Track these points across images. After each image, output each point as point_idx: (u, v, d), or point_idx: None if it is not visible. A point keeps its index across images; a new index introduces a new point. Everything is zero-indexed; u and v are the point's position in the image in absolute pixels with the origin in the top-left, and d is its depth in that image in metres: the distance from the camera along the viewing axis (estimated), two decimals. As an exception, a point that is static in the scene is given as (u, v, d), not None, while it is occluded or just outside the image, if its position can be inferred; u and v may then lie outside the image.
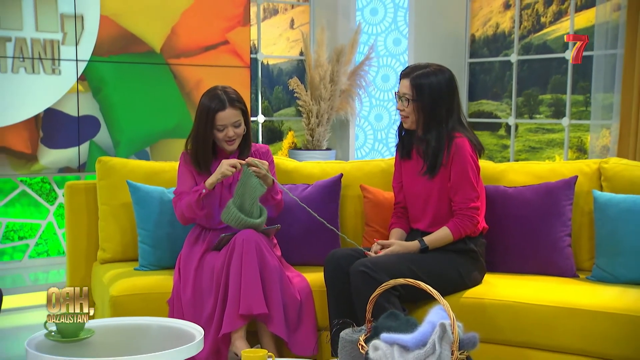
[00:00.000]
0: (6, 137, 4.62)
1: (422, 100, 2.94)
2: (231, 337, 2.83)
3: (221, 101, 3.02)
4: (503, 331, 2.79)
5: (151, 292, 2.99)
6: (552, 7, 5.35)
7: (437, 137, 2.94)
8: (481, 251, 3.01)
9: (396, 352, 1.89)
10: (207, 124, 3.03)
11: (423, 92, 2.94)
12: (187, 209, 2.99)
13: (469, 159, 2.94)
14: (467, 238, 2.97)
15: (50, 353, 2.23)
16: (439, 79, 2.96)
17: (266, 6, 5.95)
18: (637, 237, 2.93)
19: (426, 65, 3.02)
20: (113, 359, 2.23)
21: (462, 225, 2.93)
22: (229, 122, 3.02)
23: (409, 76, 2.97)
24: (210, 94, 3.06)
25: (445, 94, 2.96)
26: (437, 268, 2.87)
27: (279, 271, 2.90)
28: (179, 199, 3.04)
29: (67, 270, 3.53)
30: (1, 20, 4.54)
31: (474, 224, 2.94)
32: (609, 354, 2.67)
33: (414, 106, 2.96)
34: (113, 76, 4.95)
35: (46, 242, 5.12)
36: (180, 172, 3.12)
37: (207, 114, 3.02)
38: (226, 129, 3.03)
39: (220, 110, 3.01)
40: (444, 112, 2.95)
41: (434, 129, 2.95)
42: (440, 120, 2.95)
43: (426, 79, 2.94)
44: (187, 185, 3.07)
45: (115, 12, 4.92)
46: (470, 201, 2.93)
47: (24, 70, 4.64)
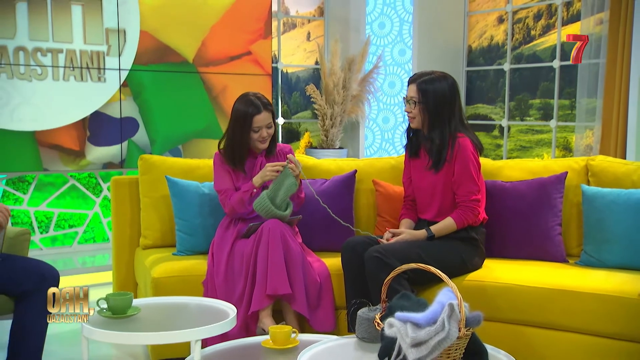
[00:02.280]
0: (58, 137, 4.64)
1: (427, 102, 2.93)
2: (259, 314, 2.83)
3: (256, 106, 3.02)
4: (501, 310, 2.78)
5: (188, 275, 3.00)
6: (541, 21, 5.31)
7: (441, 135, 2.94)
8: (481, 239, 3.00)
9: (409, 328, 1.88)
10: (244, 127, 3.02)
11: (428, 96, 2.93)
12: (238, 205, 3.00)
13: (470, 157, 2.93)
14: (469, 227, 2.96)
15: (102, 328, 2.25)
16: (442, 84, 2.95)
17: (285, 21, 5.93)
18: (621, 226, 2.91)
19: (431, 72, 3.01)
20: (157, 333, 2.25)
21: (464, 215, 2.92)
22: (263, 124, 3.02)
23: (416, 82, 2.97)
24: (244, 100, 3.06)
25: (448, 97, 2.95)
26: (442, 254, 2.86)
27: (301, 256, 2.90)
28: (227, 196, 3.03)
29: (113, 254, 3.54)
30: (54, 34, 4.56)
31: (475, 214, 2.93)
32: (596, 331, 2.65)
33: (420, 108, 2.95)
34: (151, 83, 4.96)
35: (92, 230, 5.14)
36: (217, 170, 3.11)
37: (245, 118, 3.01)
38: (261, 130, 3.03)
39: (256, 113, 3.01)
40: (446, 114, 2.94)
41: (437, 129, 2.94)
42: (443, 121, 2.94)
43: (431, 84, 2.94)
44: (226, 182, 3.06)
45: (153, 27, 4.92)
46: (472, 194, 2.92)
47: (73, 78, 4.65)
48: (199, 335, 2.21)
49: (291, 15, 5.94)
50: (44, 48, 4.53)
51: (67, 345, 3.22)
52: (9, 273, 2.45)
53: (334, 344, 2.18)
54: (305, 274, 2.89)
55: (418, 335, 1.85)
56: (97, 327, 2.24)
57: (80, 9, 4.65)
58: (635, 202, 2.90)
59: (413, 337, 1.85)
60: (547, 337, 2.75)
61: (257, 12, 5.35)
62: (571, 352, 2.70)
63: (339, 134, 5.80)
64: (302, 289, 2.84)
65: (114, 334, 2.22)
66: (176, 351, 2.91)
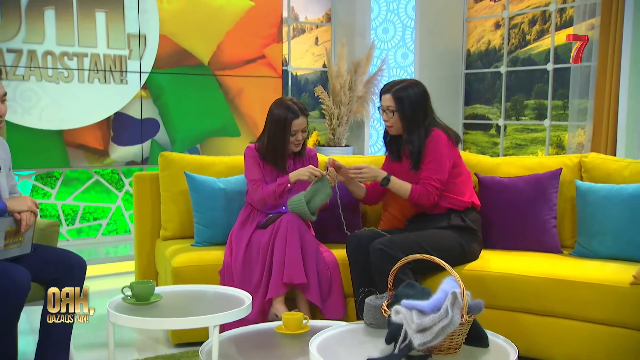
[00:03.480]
0: (83, 136, 4.64)
1: (403, 109, 2.92)
2: (272, 301, 2.83)
3: (294, 111, 3.01)
4: (499, 298, 2.78)
5: (205, 264, 3.01)
6: (536, 26, 5.28)
7: (419, 137, 2.92)
8: (477, 226, 2.98)
9: (415, 315, 1.87)
10: (284, 130, 3.01)
11: (403, 103, 2.91)
12: (270, 196, 2.98)
13: (440, 148, 2.89)
14: (464, 216, 2.92)
15: (126, 313, 2.25)
16: (414, 90, 2.94)
17: (295, 26, 5.92)
18: (612, 219, 2.90)
19: (402, 80, 3.00)
20: (178, 319, 2.25)
21: (422, 191, 2.87)
22: (299, 128, 3.02)
23: (390, 91, 2.95)
24: (283, 106, 3.04)
25: (422, 101, 2.94)
26: (442, 243, 2.85)
27: (315, 248, 2.90)
28: (258, 186, 3.02)
29: (135, 245, 3.55)
30: (79, 40, 4.56)
31: (430, 198, 2.87)
32: (588, 317, 2.65)
33: (397, 116, 2.94)
34: (170, 85, 4.95)
35: (115, 222, 5.15)
36: (248, 163, 3.09)
37: (285, 122, 3.00)
38: (297, 133, 3.03)
39: (294, 118, 3.00)
40: (421, 116, 2.93)
41: (415, 131, 2.92)
42: (419, 123, 2.92)
43: (405, 92, 2.92)
44: (257, 173, 3.05)
45: (171, 32, 4.91)
46: (432, 180, 2.88)
47: (97, 81, 4.66)
48: (217, 321, 2.21)
49: (300, 21, 5.93)
50: (70, 52, 4.53)
51: (93, 330, 3.23)
52: (40, 262, 2.46)
53: (344, 329, 2.18)
54: (318, 264, 2.89)
55: (423, 322, 1.84)
56: (121, 312, 2.25)
57: (104, 16, 4.65)
58: (626, 197, 2.89)
59: (418, 323, 1.84)
60: (542, 323, 2.74)
61: (269, 18, 5.34)
62: (565, 338, 2.70)
63: (345, 133, 5.79)
64: (315, 279, 2.84)
65: (138, 320, 2.22)
66: (195, 335, 2.93)
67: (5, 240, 2.38)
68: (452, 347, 1.90)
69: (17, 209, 2.39)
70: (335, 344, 2.02)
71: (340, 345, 2.01)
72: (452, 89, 5.79)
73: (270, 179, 3.06)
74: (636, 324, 2.55)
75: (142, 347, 3.03)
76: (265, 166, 3.07)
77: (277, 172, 3.07)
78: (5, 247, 2.38)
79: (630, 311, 2.55)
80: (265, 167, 3.07)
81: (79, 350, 2.85)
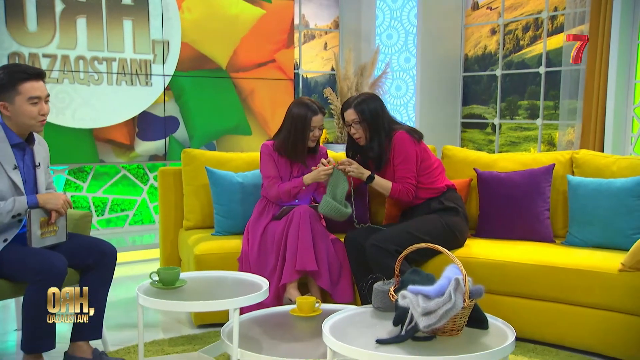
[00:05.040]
0: (112, 133, 4.65)
1: (366, 119, 2.93)
2: (286, 286, 2.83)
3: (313, 109, 3.00)
4: (496, 283, 2.77)
5: (225, 252, 3.01)
6: (529, 32, 5.24)
7: (379, 142, 2.93)
8: (457, 203, 2.97)
9: (420, 300, 1.87)
10: (305, 126, 2.99)
11: (365, 113, 2.93)
12: (285, 195, 2.98)
13: (407, 148, 2.91)
14: (440, 199, 2.93)
15: (154, 297, 2.26)
16: (372, 100, 2.96)
17: (305, 32, 5.90)
18: (601, 211, 2.89)
19: (357, 95, 3.02)
20: (202, 302, 2.25)
21: (401, 189, 2.91)
22: (318, 125, 3.01)
23: (352, 106, 2.96)
24: (302, 104, 3.02)
25: (379, 109, 2.95)
26: (428, 226, 2.85)
27: (325, 238, 2.89)
28: (274, 184, 3.01)
29: (160, 234, 3.55)
30: (108, 45, 4.56)
31: (408, 194, 2.92)
32: (579, 301, 2.65)
33: (363, 126, 2.94)
34: (190, 87, 4.95)
35: (141, 213, 5.17)
36: (264, 159, 3.08)
37: (305, 119, 2.98)
38: (315, 129, 3.02)
39: (314, 115, 2.99)
40: (380, 123, 2.94)
41: (375, 138, 2.94)
42: (379, 130, 2.93)
43: (365, 104, 2.94)
44: (272, 169, 3.04)
45: (192, 39, 4.91)
46: (408, 178, 2.91)
47: (125, 83, 4.66)
48: (238, 304, 2.21)
49: (310, 28, 5.91)
50: (100, 57, 4.54)
51: (122, 312, 3.25)
52: (75, 250, 2.47)
53: (354, 312, 2.17)
54: (328, 253, 2.88)
55: (428, 306, 1.84)
56: (150, 296, 2.25)
57: (131, 23, 4.65)
58: (614, 190, 2.87)
59: (424, 307, 1.84)
60: (535, 307, 2.74)
61: (281, 25, 5.32)
62: (556, 321, 2.70)
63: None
64: (325, 267, 2.84)
65: (165, 303, 2.23)
66: (215, 317, 2.93)
67: (41, 229, 2.39)
68: (455, 329, 1.90)
69: (48, 207, 2.40)
70: (347, 325, 2.02)
71: (351, 327, 2.01)
72: (451, 91, 5.76)
73: (284, 173, 3.05)
74: (624, 308, 2.54)
75: (167, 328, 3.04)
76: (280, 161, 3.06)
77: (290, 167, 3.06)
78: (41, 235, 2.40)
79: (618, 296, 2.55)
80: (280, 161, 3.06)
81: (110, 330, 2.86)
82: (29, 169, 2.48)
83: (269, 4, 5.21)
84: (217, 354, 2.51)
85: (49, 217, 2.41)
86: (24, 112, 2.39)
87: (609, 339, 2.58)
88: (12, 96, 2.37)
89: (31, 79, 2.39)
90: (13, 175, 2.38)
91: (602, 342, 2.60)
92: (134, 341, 2.78)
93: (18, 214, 2.35)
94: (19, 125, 2.41)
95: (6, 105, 2.38)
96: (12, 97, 2.37)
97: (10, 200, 2.34)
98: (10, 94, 2.36)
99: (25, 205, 2.35)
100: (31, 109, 2.40)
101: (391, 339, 1.85)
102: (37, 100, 2.40)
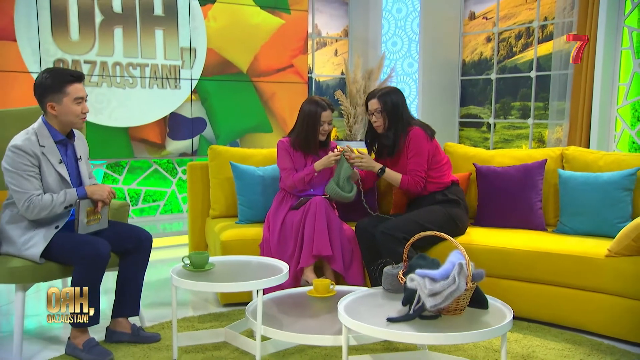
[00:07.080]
0: (145, 132, 4.66)
1: (387, 109, 2.91)
2: (304, 269, 2.83)
3: (322, 106, 3.00)
4: (493, 267, 2.74)
5: (248, 239, 3.01)
6: (521, 40, 5.18)
7: (395, 131, 2.91)
8: (459, 196, 2.96)
9: (427, 282, 1.86)
10: (315, 121, 2.99)
11: (387, 103, 2.91)
12: (299, 183, 2.98)
13: (420, 145, 2.88)
14: (445, 192, 2.91)
15: (186, 279, 2.26)
16: (394, 93, 2.94)
17: (318, 40, 5.87)
18: (589, 202, 2.86)
19: (383, 87, 3.00)
20: (229, 284, 2.25)
21: (411, 181, 2.89)
22: (327, 120, 3.01)
23: (375, 96, 2.95)
24: (312, 102, 3.02)
25: (400, 102, 2.93)
26: (433, 216, 2.83)
27: (339, 225, 2.88)
28: (289, 174, 3.01)
29: (189, 222, 3.56)
30: (142, 52, 4.57)
31: (417, 186, 2.89)
32: (569, 284, 2.63)
33: (383, 115, 2.92)
34: (215, 90, 4.95)
35: (170, 203, 5.18)
36: (280, 154, 3.08)
37: (315, 114, 2.98)
38: (324, 124, 3.00)
39: (323, 111, 2.99)
40: (399, 114, 2.91)
41: (392, 127, 2.92)
42: (397, 120, 2.91)
43: (388, 95, 2.93)
44: (288, 162, 3.04)
45: (217, 46, 4.90)
46: (418, 171, 2.89)
47: (156, 86, 4.66)
48: (262, 285, 2.21)
49: (322, 36, 5.88)
50: (134, 63, 4.54)
51: (157, 292, 3.26)
52: (115, 236, 2.48)
53: (366, 293, 2.17)
54: (341, 239, 2.87)
55: (434, 288, 1.83)
56: (182, 278, 2.26)
57: (162, 33, 4.65)
58: (601, 183, 2.84)
59: (430, 289, 1.83)
60: (530, 289, 2.72)
61: (297, 34, 5.30)
62: (549, 302, 2.68)
63: (360, 129, 5.75)
64: (339, 252, 2.83)
65: (196, 284, 2.23)
66: (240, 297, 2.94)
67: (87, 217, 2.40)
68: (458, 309, 1.89)
69: (95, 197, 2.41)
70: (359, 305, 2.02)
71: (363, 307, 2.01)
72: (450, 93, 5.72)
73: (299, 164, 3.05)
74: (610, 290, 2.52)
75: (196, 307, 3.05)
76: (295, 154, 3.06)
77: (305, 159, 3.06)
78: (87, 223, 2.41)
79: (605, 279, 2.52)
80: (294, 155, 3.06)
81: (146, 308, 2.87)
82: (72, 162, 2.49)
83: (288, 15, 5.19)
84: (242, 329, 2.51)
85: (95, 206, 2.42)
86: (70, 111, 2.39)
87: (597, 318, 2.56)
88: (60, 97, 2.38)
89: (75, 81, 2.40)
90: (60, 168, 2.39)
91: (590, 321, 2.58)
92: (167, 318, 2.79)
93: (70, 204, 2.36)
94: (63, 123, 2.42)
95: (54, 105, 2.39)
96: (60, 98, 2.38)
97: (62, 193, 2.35)
98: (58, 96, 2.37)
99: (75, 197, 2.36)
100: (76, 108, 2.41)
101: (401, 317, 1.85)
102: (80, 100, 2.42)
